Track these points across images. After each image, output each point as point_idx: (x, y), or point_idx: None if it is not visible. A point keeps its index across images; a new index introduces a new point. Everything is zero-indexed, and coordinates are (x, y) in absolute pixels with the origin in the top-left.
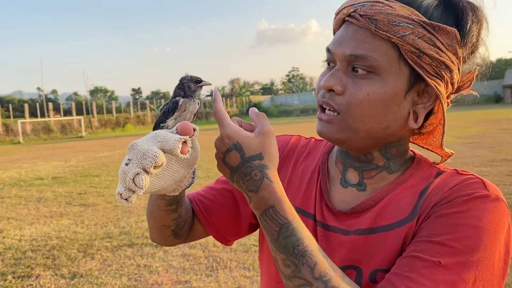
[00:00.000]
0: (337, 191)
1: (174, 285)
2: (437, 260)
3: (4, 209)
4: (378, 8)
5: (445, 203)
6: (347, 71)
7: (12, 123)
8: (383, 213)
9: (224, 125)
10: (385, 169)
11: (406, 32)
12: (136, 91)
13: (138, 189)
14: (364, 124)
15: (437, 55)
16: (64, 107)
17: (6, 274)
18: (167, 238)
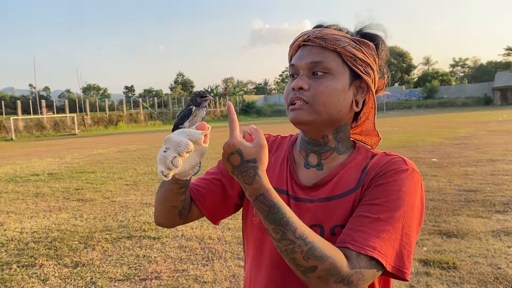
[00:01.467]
0: (302, 172)
1: (172, 273)
2: (377, 216)
3: (2, 203)
4: (324, 32)
5: (380, 176)
6: (309, 75)
7: (4, 120)
8: (337, 186)
9: (233, 135)
10: (335, 150)
11: (345, 45)
12: (129, 89)
13: (174, 168)
14: (326, 108)
15: (365, 58)
16: (57, 104)
17: (10, 263)
18: (174, 218)
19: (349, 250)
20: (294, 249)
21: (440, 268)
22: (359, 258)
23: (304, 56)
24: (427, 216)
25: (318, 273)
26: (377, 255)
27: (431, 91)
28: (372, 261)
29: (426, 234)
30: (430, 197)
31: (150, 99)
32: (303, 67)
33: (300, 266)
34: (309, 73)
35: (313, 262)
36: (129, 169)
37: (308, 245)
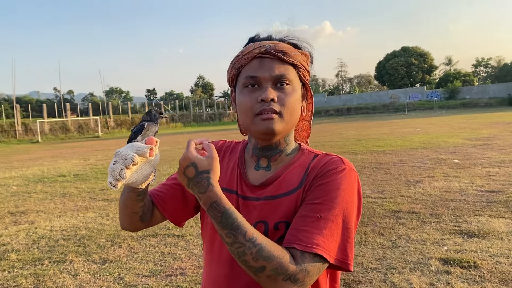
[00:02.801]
0: (252, 173)
1: (197, 269)
2: (319, 215)
3: (32, 203)
4: (281, 46)
5: (320, 176)
6: (272, 86)
7: (31, 122)
8: (281, 185)
9: (188, 150)
10: (283, 152)
11: (299, 58)
12: (150, 92)
13: (122, 179)
14: (292, 116)
15: (308, 68)
16: (81, 107)
17: (42, 259)
18: (136, 223)
19: (295, 249)
20: (245, 251)
21: (460, 267)
22: (304, 256)
23: (267, 69)
24: (448, 216)
25: (267, 273)
26: (321, 251)
27: (453, 92)
28: (316, 257)
29: (447, 234)
30: (451, 198)
31: (171, 102)
32: (267, 79)
33: (251, 267)
34: (272, 85)
35: (262, 262)
36: None
37: (257, 247)
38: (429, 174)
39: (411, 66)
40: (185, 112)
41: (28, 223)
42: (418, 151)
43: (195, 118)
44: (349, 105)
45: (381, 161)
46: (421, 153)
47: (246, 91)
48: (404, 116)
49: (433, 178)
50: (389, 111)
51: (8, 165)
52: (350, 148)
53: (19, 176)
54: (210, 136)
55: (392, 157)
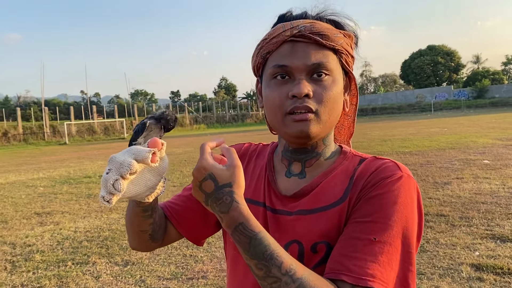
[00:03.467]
0: (282, 181)
1: (218, 273)
2: (373, 237)
3: (58, 204)
4: (319, 26)
5: (371, 186)
6: (307, 78)
7: (58, 125)
8: (320, 197)
9: (203, 158)
10: (321, 155)
11: (341, 41)
12: (175, 94)
13: (117, 192)
14: (331, 115)
15: (352, 53)
16: (107, 109)
17: (66, 260)
18: (146, 243)
19: (344, 283)
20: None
21: (494, 274)
22: None
23: (300, 56)
24: (479, 219)
25: None
26: (378, 284)
27: (482, 91)
28: None
29: (478, 238)
30: (482, 200)
31: (195, 103)
32: (300, 69)
33: None
34: (308, 76)
35: None
36: (175, 171)
37: (296, 282)
38: (458, 175)
39: (438, 65)
40: (208, 114)
41: (54, 224)
42: (445, 152)
43: (218, 120)
44: (374, 105)
45: (408, 162)
46: (449, 154)
47: (274, 84)
48: (431, 116)
49: (462, 180)
50: (415, 111)
51: (36, 166)
52: (375, 148)
53: (46, 177)
54: (232, 138)
55: (418, 158)
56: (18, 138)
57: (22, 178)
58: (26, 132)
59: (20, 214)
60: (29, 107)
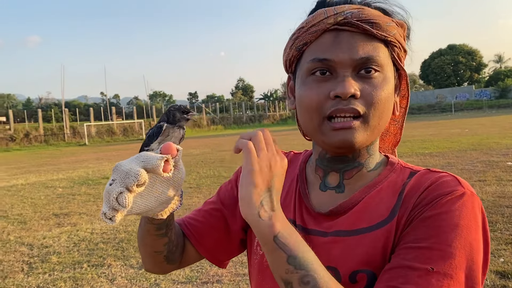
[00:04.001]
0: (316, 195)
1: (234, 277)
2: (430, 267)
3: (76, 205)
4: (368, 13)
5: (426, 205)
6: (353, 75)
7: (78, 126)
8: (361, 216)
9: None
10: (364, 166)
11: (394, 31)
12: (192, 95)
13: (122, 208)
14: (381, 120)
15: (405, 46)
16: (126, 110)
17: (82, 262)
18: (161, 265)
19: None
20: None
21: None
22: None
23: (345, 48)
24: (503, 224)
25: None
26: None
27: (504, 91)
28: None
29: (503, 244)
30: (506, 204)
31: (212, 104)
32: (345, 64)
33: None
34: (352, 72)
35: None
36: (192, 172)
37: None
38: (480, 177)
39: (458, 64)
40: (226, 115)
41: (71, 225)
42: (467, 153)
43: (235, 120)
44: None
45: (428, 163)
46: (471, 155)
47: (311, 81)
48: (451, 117)
49: (485, 182)
50: (435, 111)
51: (56, 167)
52: None
53: (65, 178)
54: None
55: (439, 160)
56: (39, 139)
57: (42, 179)
58: (47, 133)
59: (38, 215)
60: (50, 109)
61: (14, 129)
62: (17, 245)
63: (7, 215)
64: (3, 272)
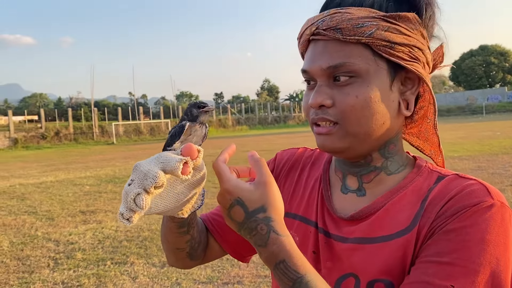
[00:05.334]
0: (338, 198)
1: (254, 278)
2: (450, 284)
3: (102, 202)
4: (338, 18)
5: (450, 216)
6: (329, 83)
7: (107, 125)
8: (382, 223)
9: (224, 179)
10: (383, 169)
11: (372, 30)
12: (218, 96)
13: (139, 209)
14: (362, 126)
15: (407, 41)
16: (153, 110)
17: (105, 260)
18: (183, 261)
19: None
20: None
21: None
22: None
23: (317, 57)
24: None
25: None
26: None
27: None
28: None
29: None
30: None
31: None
32: (318, 74)
33: None
34: (329, 81)
35: None
36: None
37: None
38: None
39: (490, 65)
40: (251, 115)
41: (96, 222)
42: (498, 157)
43: (260, 121)
44: None
45: (457, 167)
46: (502, 159)
47: (306, 90)
48: (482, 119)
49: None
50: (465, 113)
51: (84, 165)
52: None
53: (93, 176)
54: (274, 139)
55: (469, 163)
56: (69, 137)
57: (70, 176)
58: (76, 132)
59: (66, 212)
60: (80, 108)
61: (45, 128)
62: (44, 241)
63: (36, 211)
64: (30, 267)
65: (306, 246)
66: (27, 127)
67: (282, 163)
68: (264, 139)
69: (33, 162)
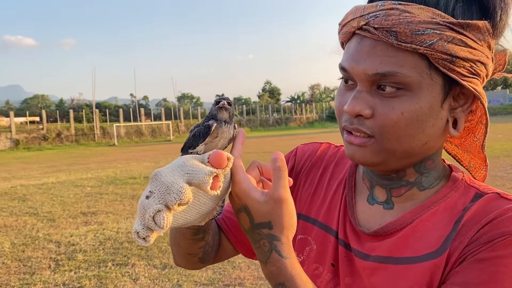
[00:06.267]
0: (362, 208)
1: (256, 280)
2: None
3: (103, 204)
4: (394, 17)
5: (485, 243)
6: (371, 90)
7: (108, 126)
8: (409, 242)
9: (235, 180)
10: (416, 185)
11: (433, 40)
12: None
13: (158, 229)
14: (402, 145)
15: (471, 55)
16: (154, 112)
17: (106, 261)
18: (193, 265)
19: None
20: None
21: None
22: None
23: (363, 58)
24: None
25: None
26: None
27: None
28: None
29: None
30: None
31: (239, 106)
32: (361, 78)
33: None
34: (372, 87)
35: None
36: None
37: None
38: None
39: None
40: (252, 117)
41: (97, 224)
42: (499, 160)
43: (261, 123)
44: None
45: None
46: (504, 162)
47: (340, 87)
48: None
49: None
50: None
51: (86, 167)
52: None
53: (94, 177)
54: (276, 141)
55: None
56: (71, 138)
57: (71, 177)
58: (78, 133)
59: (67, 213)
60: (82, 109)
61: (47, 129)
62: (46, 242)
63: (37, 212)
64: (31, 268)
65: (325, 257)
66: (29, 129)
67: (304, 160)
68: (266, 141)
69: (34, 163)
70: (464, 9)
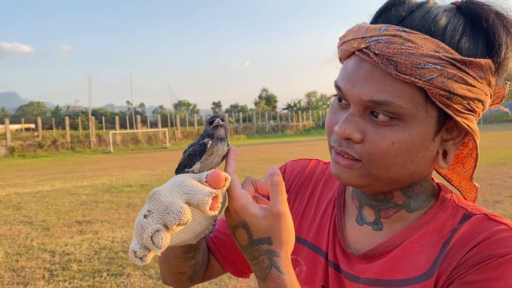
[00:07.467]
0: (352, 229)
1: None
2: None
3: (98, 212)
4: (396, 46)
5: (473, 265)
6: (364, 115)
7: (104, 134)
8: (398, 264)
9: (232, 196)
10: (404, 207)
11: (433, 75)
12: (216, 105)
13: (156, 249)
14: (389, 172)
15: (470, 93)
16: (151, 119)
17: (101, 271)
18: (182, 283)
19: None
20: None
21: None
22: None
23: (359, 82)
24: None
25: None
26: None
27: None
28: None
29: None
30: None
31: (236, 114)
32: (355, 102)
33: None
34: (365, 112)
35: None
36: None
37: None
38: (510, 193)
39: None
40: (249, 124)
41: (92, 233)
42: (496, 168)
43: (258, 130)
44: None
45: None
46: (500, 170)
47: (332, 104)
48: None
49: None
50: None
51: (81, 175)
52: None
53: (89, 185)
54: (273, 148)
55: None
56: (66, 146)
57: (67, 185)
58: (73, 141)
59: (61, 222)
60: (77, 117)
61: (42, 136)
62: (40, 252)
63: (31, 221)
64: (25, 278)
65: (315, 278)
66: (24, 136)
67: (293, 177)
68: (262, 149)
69: (29, 171)
70: (470, 43)
